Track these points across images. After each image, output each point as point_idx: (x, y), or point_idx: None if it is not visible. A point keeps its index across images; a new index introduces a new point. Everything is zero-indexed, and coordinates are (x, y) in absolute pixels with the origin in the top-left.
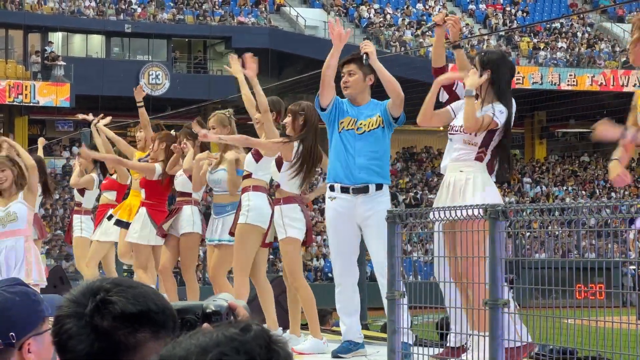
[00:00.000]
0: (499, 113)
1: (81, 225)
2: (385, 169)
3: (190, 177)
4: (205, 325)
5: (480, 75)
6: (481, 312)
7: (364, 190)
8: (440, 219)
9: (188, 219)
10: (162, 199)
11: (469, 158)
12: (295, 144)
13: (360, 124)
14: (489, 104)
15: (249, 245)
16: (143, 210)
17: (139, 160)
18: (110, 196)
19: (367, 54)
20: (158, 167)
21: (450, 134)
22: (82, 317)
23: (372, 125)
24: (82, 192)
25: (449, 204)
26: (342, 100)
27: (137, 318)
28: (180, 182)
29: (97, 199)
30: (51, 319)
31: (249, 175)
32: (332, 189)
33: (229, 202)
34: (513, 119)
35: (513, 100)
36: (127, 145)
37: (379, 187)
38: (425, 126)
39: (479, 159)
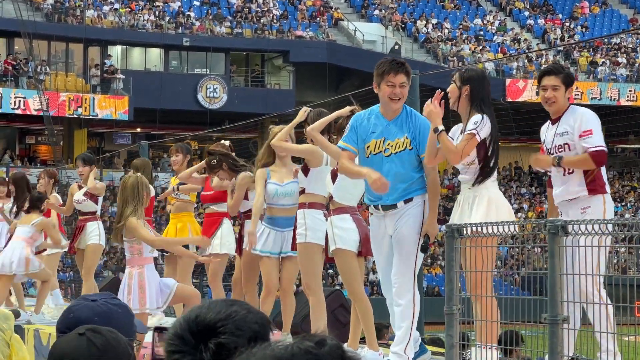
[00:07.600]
0: (473, 125)
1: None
2: None
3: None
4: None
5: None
6: (489, 325)
7: None
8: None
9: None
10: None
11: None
12: None
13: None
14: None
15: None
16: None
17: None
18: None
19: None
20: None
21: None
22: (194, 355)
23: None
24: (95, 199)
25: (457, 220)
26: None
27: None
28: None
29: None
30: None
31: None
32: None
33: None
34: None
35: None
36: None
37: None
38: (433, 165)
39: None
